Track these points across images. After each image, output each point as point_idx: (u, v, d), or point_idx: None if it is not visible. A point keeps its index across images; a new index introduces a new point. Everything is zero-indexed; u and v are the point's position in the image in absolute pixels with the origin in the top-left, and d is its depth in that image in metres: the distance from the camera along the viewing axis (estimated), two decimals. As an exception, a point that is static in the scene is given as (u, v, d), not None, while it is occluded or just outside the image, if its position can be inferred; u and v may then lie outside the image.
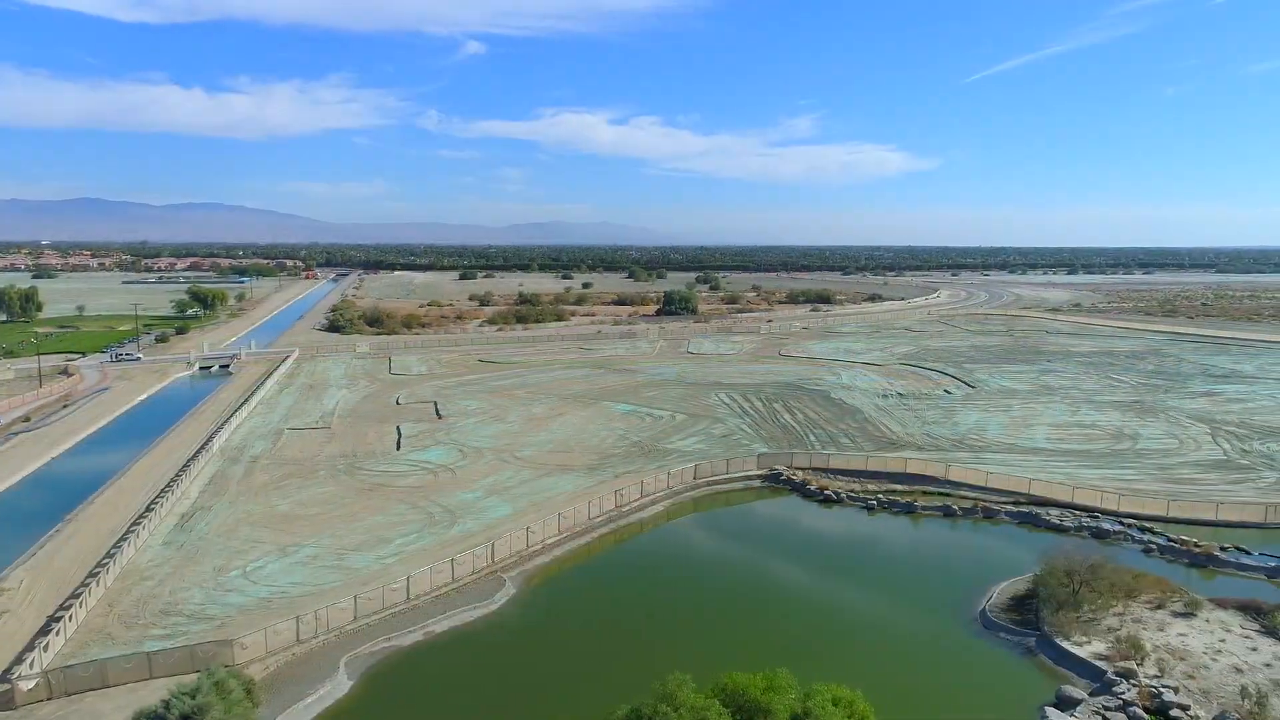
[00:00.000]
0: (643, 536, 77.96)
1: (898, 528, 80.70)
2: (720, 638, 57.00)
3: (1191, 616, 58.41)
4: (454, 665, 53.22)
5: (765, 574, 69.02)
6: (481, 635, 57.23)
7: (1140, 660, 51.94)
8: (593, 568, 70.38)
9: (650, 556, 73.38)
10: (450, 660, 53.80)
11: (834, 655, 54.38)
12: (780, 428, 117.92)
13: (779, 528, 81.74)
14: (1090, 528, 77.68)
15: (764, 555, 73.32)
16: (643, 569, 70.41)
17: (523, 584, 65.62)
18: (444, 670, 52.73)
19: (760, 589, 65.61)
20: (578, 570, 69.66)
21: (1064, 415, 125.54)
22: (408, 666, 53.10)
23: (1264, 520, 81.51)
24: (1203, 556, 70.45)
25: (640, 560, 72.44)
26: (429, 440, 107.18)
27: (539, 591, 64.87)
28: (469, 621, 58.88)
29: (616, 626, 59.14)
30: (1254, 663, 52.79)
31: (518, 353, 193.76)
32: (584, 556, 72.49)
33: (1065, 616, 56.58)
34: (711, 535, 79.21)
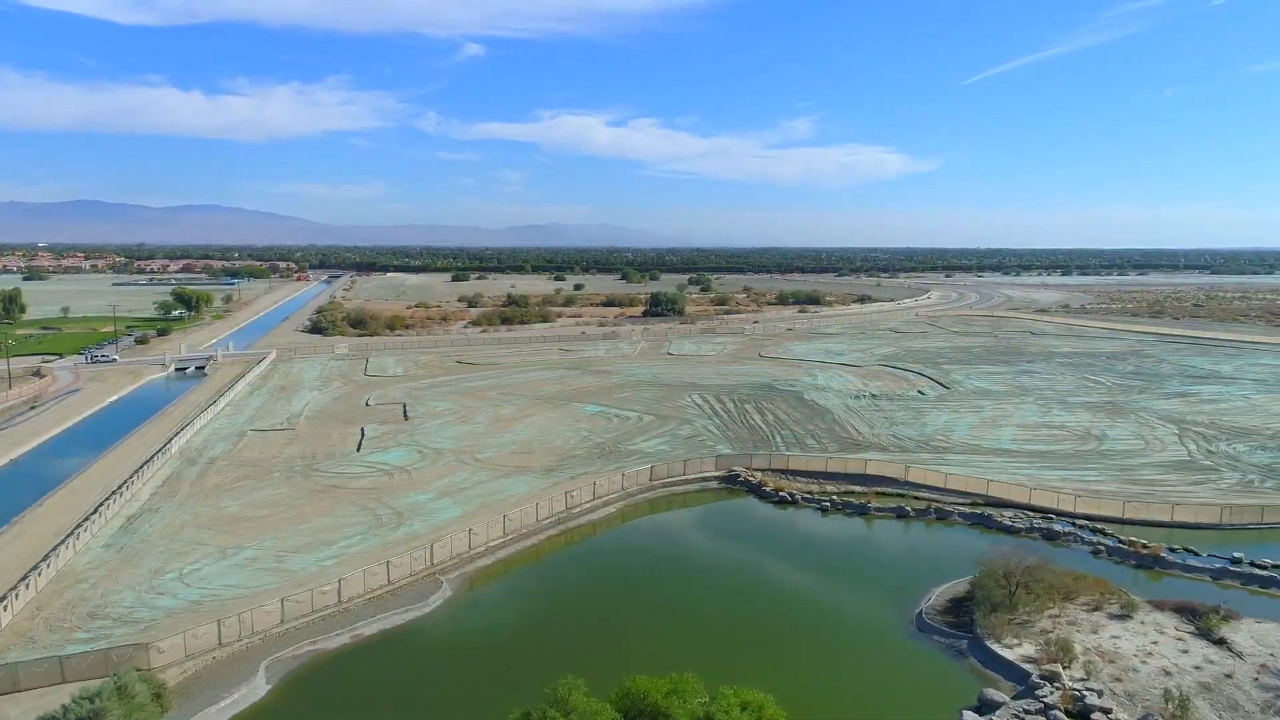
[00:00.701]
0: (592, 539, 77.39)
1: (849, 529, 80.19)
2: (651, 641, 56.49)
3: (1127, 619, 57.92)
4: (376, 668, 52.68)
5: (706, 577, 68.47)
6: (410, 638, 56.72)
7: (1068, 663, 51.42)
8: (536, 570, 69.84)
9: (595, 559, 72.80)
10: (374, 663, 53.27)
11: (762, 658, 53.83)
12: (748, 429, 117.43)
13: (729, 530, 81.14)
14: (1041, 529, 77.19)
15: (709, 558, 72.87)
16: (585, 572, 69.85)
17: (461, 587, 65.09)
18: (366, 673, 52.20)
19: (699, 592, 65.09)
20: (520, 573, 69.15)
21: (1034, 416, 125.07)
22: (330, 670, 52.60)
23: (1219, 522, 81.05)
24: (1149, 558, 69.94)
25: (584, 563, 71.86)
26: (391, 442, 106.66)
27: (477, 594, 64.39)
28: (399, 624, 58.35)
29: (549, 630, 58.55)
30: (1184, 665, 52.30)
31: (497, 354, 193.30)
32: (529, 559, 71.98)
33: (998, 619, 56.06)
34: (660, 538, 78.67)
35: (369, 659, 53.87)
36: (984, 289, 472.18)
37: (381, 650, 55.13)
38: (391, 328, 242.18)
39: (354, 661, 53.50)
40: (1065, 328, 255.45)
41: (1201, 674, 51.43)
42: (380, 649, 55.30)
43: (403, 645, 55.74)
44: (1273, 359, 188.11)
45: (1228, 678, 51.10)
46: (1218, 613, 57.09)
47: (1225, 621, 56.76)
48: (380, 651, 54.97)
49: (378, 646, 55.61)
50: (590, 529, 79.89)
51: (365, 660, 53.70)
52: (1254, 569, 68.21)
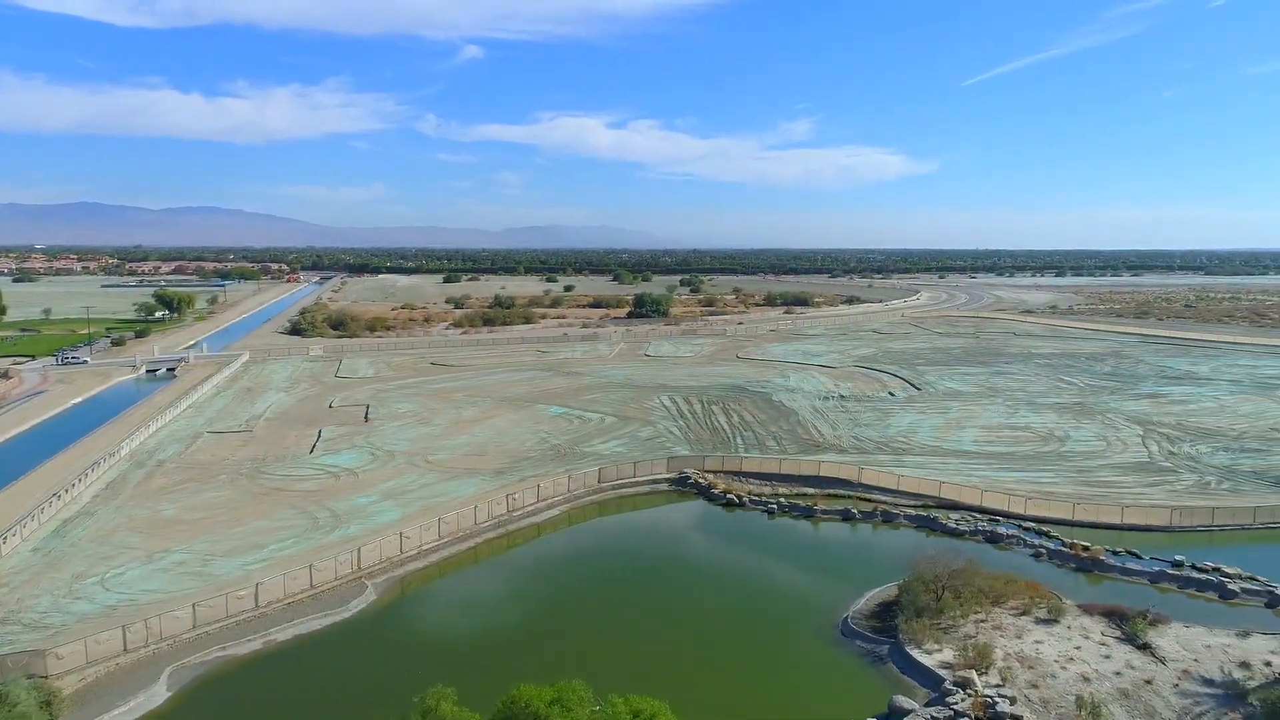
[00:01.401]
0: (531, 543, 76.47)
1: (793, 532, 79.29)
2: (567, 647, 55.54)
3: (1054, 623, 57.02)
4: (284, 674, 51.82)
5: (636, 582, 67.64)
6: (323, 643, 55.86)
7: (985, 669, 50.52)
8: (466, 575, 68.99)
9: (529, 563, 71.83)
10: (282, 669, 52.41)
11: (675, 665, 52.94)
12: (710, 430, 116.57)
13: (670, 533, 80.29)
14: (985, 532, 76.31)
15: (642, 562, 72.02)
16: (517, 576, 68.90)
17: (387, 591, 64.22)
18: (272, 680, 51.34)
19: (625, 597, 64.21)
20: (450, 577, 68.31)
21: (1000, 417, 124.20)
22: (236, 676, 51.71)
23: (1170, 524, 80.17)
24: (1089, 561, 69.04)
25: (517, 567, 70.92)
26: (346, 444, 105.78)
27: (401, 599, 63.53)
28: (315, 630, 57.46)
29: (467, 635, 57.64)
30: (1104, 671, 51.39)
31: (473, 355, 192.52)
32: (463, 562, 71.14)
33: (921, 624, 55.15)
34: (598, 541, 77.77)
35: (277, 665, 53.00)
36: (975, 290, 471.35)
37: (293, 656, 54.27)
38: (372, 329, 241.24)
39: (261, 668, 52.62)
40: (1049, 329, 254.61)
41: (1121, 680, 50.53)
42: (291, 655, 54.42)
43: (315, 651, 54.88)
44: (1251, 360, 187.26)
45: (1147, 684, 50.19)
46: (1145, 617, 56.22)
47: (1152, 626, 55.91)
48: (292, 657, 54.11)
49: (289, 652, 54.72)
50: (532, 532, 79.05)
51: (272, 666, 52.82)
52: (1194, 572, 67.30)
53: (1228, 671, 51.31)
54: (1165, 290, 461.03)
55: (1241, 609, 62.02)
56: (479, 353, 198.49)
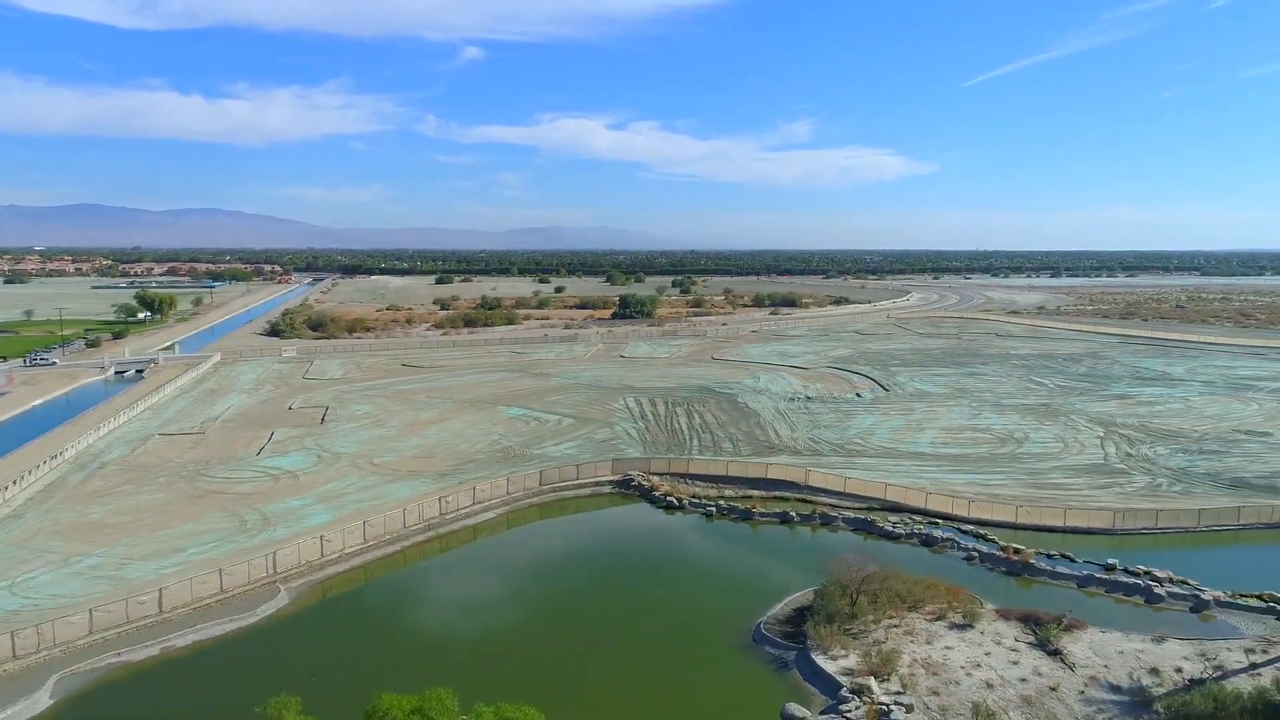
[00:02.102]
0: (460, 547, 75.40)
1: (728, 535, 78.25)
2: (468, 655, 54.53)
3: (968, 628, 55.99)
4: (173, 682, 50.87)
5: (555, 588, 66.48)
6: (223, 650, 54.91)
7: (887, 675, 49.51)
8: (388, 579, 67.97)
9: (452, 568, 70.81)
10: (173, 677, 51.46)
11: (572, 673, 51.93)
12: (669, 432, 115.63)
13: (603, 537, 79.38)
14: (921, 535, 75.29)
15: (567, 567, 70.96)
16: (437, 581, 67.98)
17: (301, 595, 63.24)
18: (160, 687, 50.40)
19: (540, 604, 63.00)
20: (371, 581, 67.33)
21: (963, 419, 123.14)
22: (126, 684, 50.74)
23: (1112, 526, 79.22)
24: (1019, 564, 68.01)
25: (441, 572, 69.97)
26: (295, 446, 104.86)
27: (314, 604, 62.51)
28: (216, 635, 56.48)
29: (374, 642, 56.63)
30: (1010, 677, 50.35)
31: (448, 356, 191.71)
32: (387, 567, 70.15)
33: (829, 630, 54.09)
34: (528, 546, 76.64)
35: (169, 672, 52.05)
36: (967, 291, 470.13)
37: (187, 663, 53.34)
38: (351, 330, 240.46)
39: (153, 675, 51.66)
40: (1031, 330, 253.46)
41: (1026, 687, 49.49)
42: (187, 662, 53.48)
43: (210, 657, 53.93)
44: (1229, 360, 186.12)
45: (1052, 690, 49.17)
46: (1059, 623, 55.15)
47: (1067, 632, 54.86)
48: (185, 664, 53.17)
49: (185, 659, 53.77)
50: (467, 535, 78.11)
51: (165, 674, 51.88)
52: (1124, 576, 66.29)
53: (1136, 678, 50.28)
54: (1158, 291, 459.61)
55: (1166, 613, 60.99)
56: (454, 354, 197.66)
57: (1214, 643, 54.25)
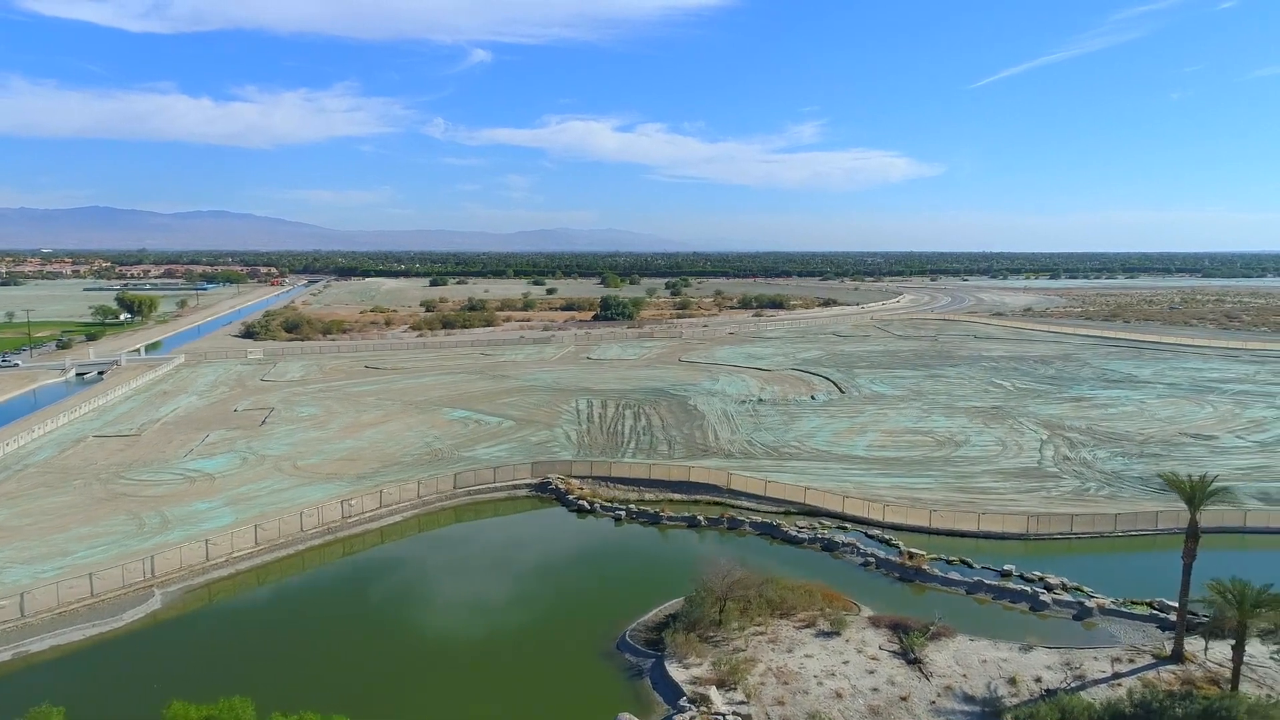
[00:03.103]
0: (360, 552, 74.38)
1: (631, 540, 77.27)
2: (320, 664, 53.69)
3: (834, 636, 54.89)
4: (16, 690, 49.98)
5: (435, 594, 65.59)
6: (80, 656, 54.23)
7: (734, 684, 48.47)
8: (271, 585, 67.07)
9: (342, 574, 69.73)
10: (18, 685, 50.58)
11: (417, 685, 51.00)
12: (609, 434, 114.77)
13: (504, 541, 78.28)
14: (824, 539, 74.19)
15: (455, 572, 69.98)
16: (322, 588, 66.94)
17: (177, 600, 62.50)
18: (5, 694, 49.55)
19: (414, 612, 61.98)
20: (253, 587, 66.42)
21: (909, 422, 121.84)
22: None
23: (1025, 532, 78.01)
24: (912, 570, 66.90)
25: (329, 578, 68.91)
26: (225, 448, 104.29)
27: (187, 609, 61.73)
28: (76, 641, 55.83)
29: (236, 650, 55.78)
30: (862, 686, 49.27)
31: (415, 358, 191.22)
32: (277, 571, 69.31)
33: (688, 638, 53.09)
34: (425, 551, 75.39)
35: (17, 680, 51.22)
36: (962, 292, 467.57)
37: (41, 669, 52.62)
38: (327, 332, 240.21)
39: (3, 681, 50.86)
40: (1011, 331, 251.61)
41: (876, 696, 48.41)
42: (41, 668, 52.81)
43: (66, 664, 53.18)
44: (1200, 363, 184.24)
45: (902, 700, 48.08)
46: (925, 631, 54.03)
47: (934, 640, 53.79)
48: (38, 670, 52.46)
49: (40, 665, 53.12)
50: (371, 539, 77.18)
51: (12, 682, 51.03)
52: (1019, 583, 65.21)
53: (993, 688, 49.17)
54: (1153, 293, 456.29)
55: (1050, 621, 59.82)
56: (422, 356, 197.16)
57: (1082, 652, 53.05)
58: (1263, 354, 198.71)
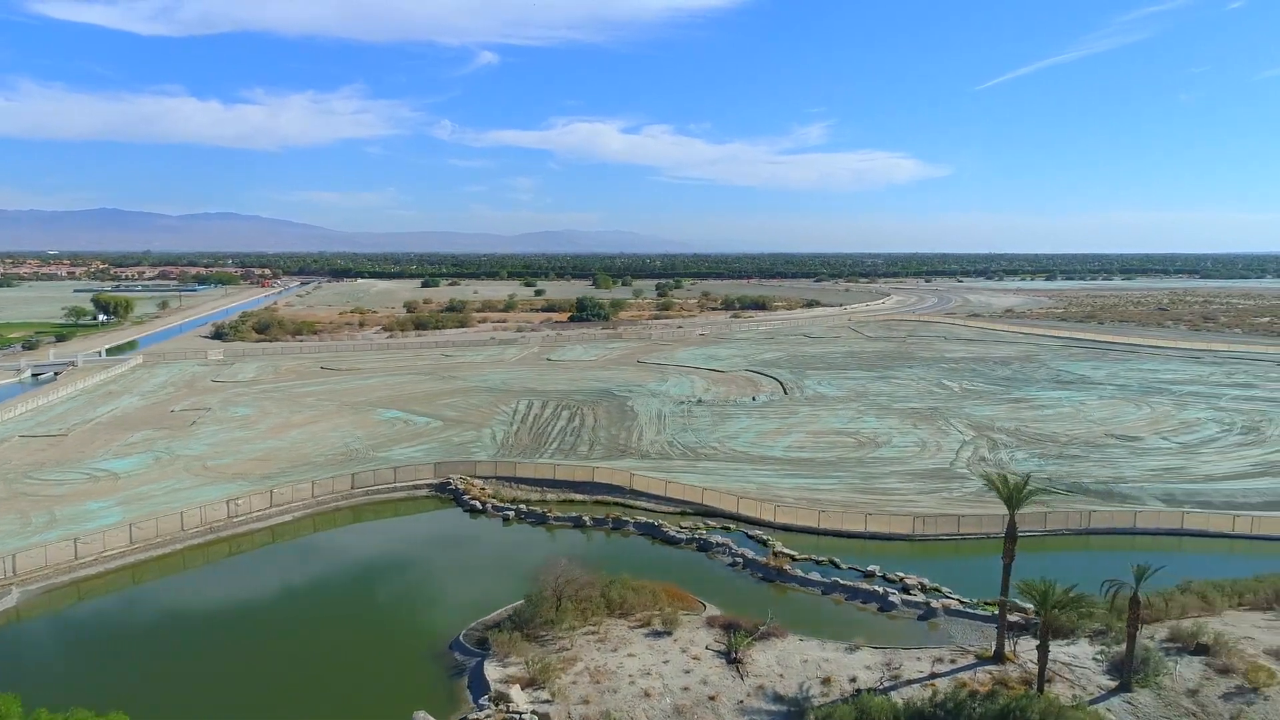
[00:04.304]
0: (241, 553, 74.57)
1: (510, 540, 77.37)
2: (151, 669, 53.93)
3: (665, 635, 54.96)
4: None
5: (295, 591, 65.85)
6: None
7: (544, 683, 48.60)
8: (142, 584, 67.39)
9: (214, 573, 69.99)
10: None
11: (224, 683, 51.26)
12: (534, 435, 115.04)
13: (385, 541, 78.46)
14: (700, 540, 74.26)
15: (324, 571, 70.21)
16: (185, 587, 67.13)
17: (34, 599, 62.92)
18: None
19: (263, 610, 62.34)
20: (121, 586, 66.74)
21: (838, 423, 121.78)
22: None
23: (912, 533, 77.96)
24: (775, 571, 66.95)
25: (198, 577, 69.17)
26: (144, 448, 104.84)
27: (47, 609, 62.11)
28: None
29: (82, 656, 56.10)
30: (674, 686, 49.33)
31: (374, 359, 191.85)
32: (151, 571, 69.57)
33: (513, 637, 53.21)
34: (304, 550, 75.48)
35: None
36: (952, 293, 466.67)
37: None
38: (297, 333, 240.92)
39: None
40: (983, 332, 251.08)
41: (685, 696, 48.47)
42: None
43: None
44: (1158, 364, 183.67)
45: (710, 700, 48.14)
46: (753, 631, 54.09)
47: (763, 640, 53.83)
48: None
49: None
50: (257, 538, 77.45)
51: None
52: (871, 584, 65.21)
53: (806, 688, 49.20)
54: (1145, 294, 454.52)
55: (897, 621, 59.87)
56: (384, 356, 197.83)
57: (907, 652, 53.02)
58: (1226, 355, 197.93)
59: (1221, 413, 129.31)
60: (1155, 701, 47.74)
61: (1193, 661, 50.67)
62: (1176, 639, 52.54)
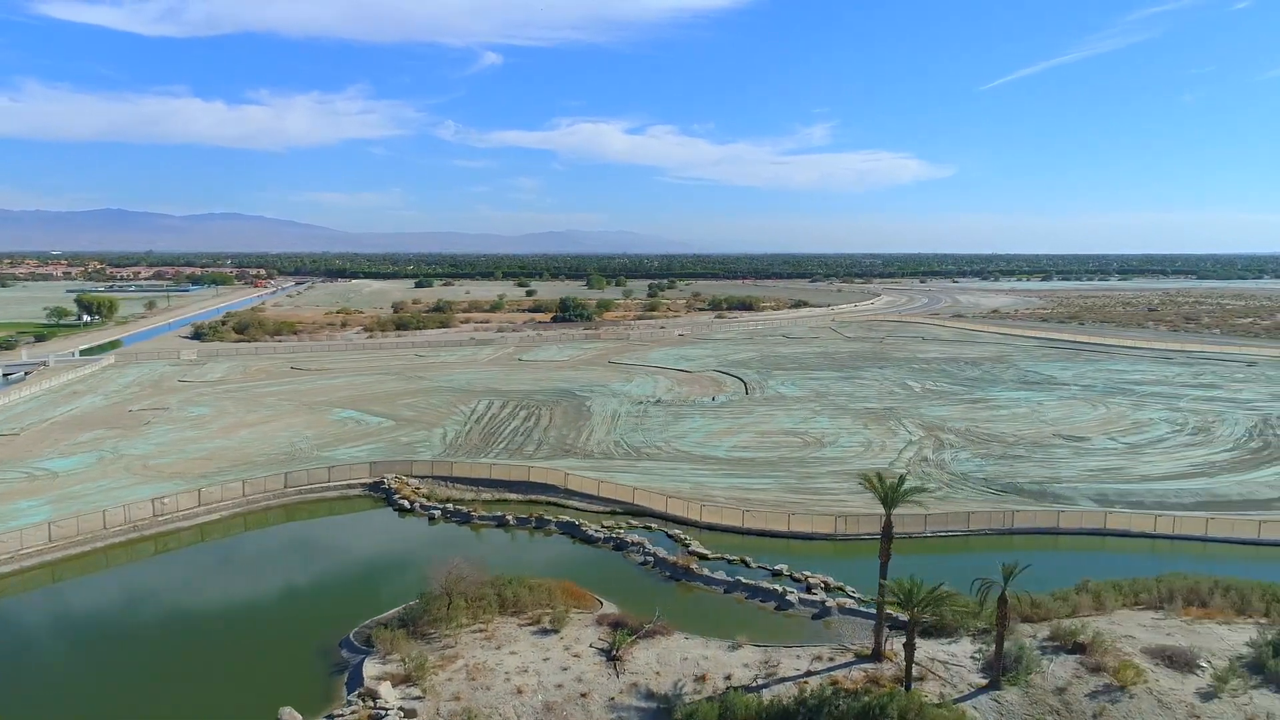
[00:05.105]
0: (172, 550, 75.10)
1: (432, 538, 77.68)
2: (37, 668, 54.49)
3: (552, 633, 55.33)
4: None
5: (203, 589, 66.31)
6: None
7: (417, 680, 49.02)
8: (56, 584, 67.95)
9: (129, 573, 70.51)
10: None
11: (104, 686, 51.81)
12: (487, 435, 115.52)
13: (308, 539, 79.26)
14: (616, 539, 74.68)
15: (240, 568, 70.93)
16: (99, 586, 67.71)
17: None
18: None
19: (161, 609, 62.83)
20: (35, 586, 67.33)
21: (790, 423, 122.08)
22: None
23: (833, 532, 78.30)
24: (681, 570, 67.32)
25: (112, 577, 69.72)
26: (89, 447, 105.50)
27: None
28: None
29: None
30: (548, 684, 49.71)
31: (346, 359, 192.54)
32: (70, 569, 70.15)
33: (397, 635, 53.61)
34: (226, 550, 75.91)
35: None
36: (944, 294, 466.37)
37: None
38: (277, 333, 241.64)
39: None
40: (962, 333, 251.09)
41: (559, 693, 48.86)
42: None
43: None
44: (1128, 364, 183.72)
45: (582, 697, 48.52)
46: (639, 628, 54.45)
47: (648, 638, 54.16)
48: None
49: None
50: (185, 536, 77.99)
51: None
52: (790, 584, 65.56)
53: (680, 686, 49.54)
54: (1137, 295, 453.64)
55: (792, 620, 60.24)
56: (357, 356, 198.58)
57: (789, 650, 53.32)
58: (1198, 356, 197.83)
59: (1177, 413, 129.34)
60: (1022, 699, 48.02)
61: (1068, 660, 50.87)
62: (1056, 638, 52.76)
